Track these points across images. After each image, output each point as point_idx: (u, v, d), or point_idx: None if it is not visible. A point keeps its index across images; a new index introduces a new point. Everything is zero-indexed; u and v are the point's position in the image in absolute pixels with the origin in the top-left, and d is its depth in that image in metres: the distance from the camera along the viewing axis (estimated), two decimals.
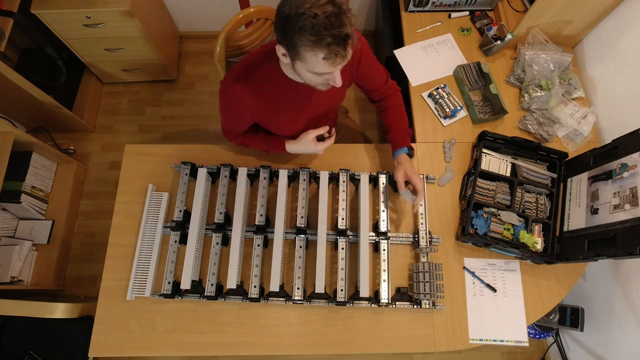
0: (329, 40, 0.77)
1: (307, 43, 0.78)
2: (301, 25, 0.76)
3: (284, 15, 0.78)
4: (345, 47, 0.80)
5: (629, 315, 1.34)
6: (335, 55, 0.80)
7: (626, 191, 1.03)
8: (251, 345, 1.16)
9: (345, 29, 0.77)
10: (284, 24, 0.79)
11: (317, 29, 0.75)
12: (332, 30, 0.76)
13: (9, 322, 1.60)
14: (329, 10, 0.75)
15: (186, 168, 1.26)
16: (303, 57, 0.82)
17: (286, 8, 0.78)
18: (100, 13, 1.70)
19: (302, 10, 0.75)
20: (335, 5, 0.76)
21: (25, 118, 2.03)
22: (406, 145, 1.21)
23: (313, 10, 0.75)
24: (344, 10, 0.77)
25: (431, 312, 1.19)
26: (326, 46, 0.77)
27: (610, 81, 1.39)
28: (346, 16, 0.78)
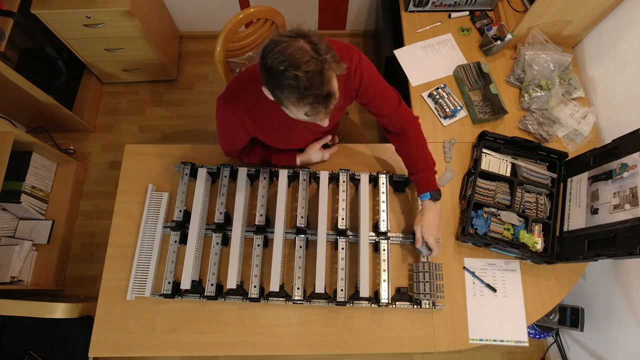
0: (310, 100, 0.76)
1: (289, 99, 0.77)
2: (282, 83, 0.75)
3: (267, 66, 0.76)
4: (327, 104, 0.79)
5: (629, 315, 1.34)
6: (317, 112, 0.79)
7: (626, 191, 1.03)
8: (251, 345, 1.16)
9: (327, 87, 0.76)
10: (267, 75, 0.78)
11: (298, 89, 0.74)
12: (312, 90, 0.74)
13: (9, 322, 1.60)
14: (310, 69, 0.73)
15: (186, 168, 1.26)
16: (286, 106, 0.82)
17: (269, 59, 0.75)
18: (100, 13, 1.70)
19: (284, 67, 0.73)
20: (317, 62, 0.74)
21: (25, 118, 2.03)
22: (432, 189, 1.12)
23: (294, 70, 0.72)
24: (325, 67, 0.75)
25: (431, 312, 1.19)
26: (308, 104, 0.77)
27: (610, 81, 1.39)
28: (331, 70, 0.76)
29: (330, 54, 0.76)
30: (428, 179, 1.14)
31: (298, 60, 0.73)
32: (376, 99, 1.07)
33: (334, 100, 0.80)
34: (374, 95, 1.05)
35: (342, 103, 1.05)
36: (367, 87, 1.02)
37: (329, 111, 0.81)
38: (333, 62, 0.76)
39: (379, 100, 1.08)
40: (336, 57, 0.78)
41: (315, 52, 0.74)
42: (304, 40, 0.75)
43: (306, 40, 0.75)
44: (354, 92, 1.04)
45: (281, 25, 1.43)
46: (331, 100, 0.79)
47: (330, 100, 0.78)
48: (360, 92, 1.04)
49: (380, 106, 1.10)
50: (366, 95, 1.05)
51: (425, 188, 1.13)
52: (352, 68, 0.97)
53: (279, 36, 0.76)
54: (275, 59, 0.74)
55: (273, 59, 0.74)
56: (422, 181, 1.14)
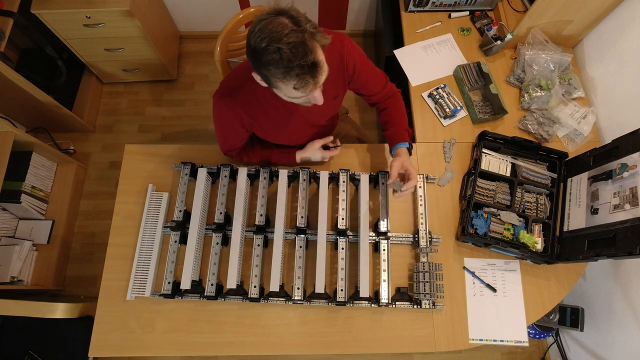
0: (297, 71, 0.76)
1: (276, 75, 0.78)
2: (266, 60, 0.75)
3: (251, 47, 0.77)
4: (314, 74, 0.79)
5: (629, 315, 1.34)
6: (306, 84, 0.79)
7: (626, 191, 1.03)
8: (251, 345, 1.16)
9: (312, 57, 0.76)
10: (252, 57, 0.78)
11: (283, 62, 0.74)
12: (297, 61, 0.75)
13: (9, 322, 1.60)
14: (292, 40, 0.73)
15: (186, 168, 1.26)
16: (276, 86, 0.82)
17: (252, 40, 0.76)
18: (100, 13, 1.70)
19: (265, 44, 0.74)
20: (299, 32, 0.74)
21: (25, 118, 2.03)
22: (406, 141, 1.18)
23: (276, 44, 0.73)
24: (307, 37, 0.75)
25: (431, 312, 1.19)
26: (295, 76, 0.77)
27: (610, 81, 1.39)
28: (312, 41, 0.76)
29: (311, 24, 0.77)
30: (404, 134, 1.18)
31: (278, 34, 0.73)
32: (368, 82, 1.13)
33: (321, 70, 0.80)
34: (366, 79, 1.10)
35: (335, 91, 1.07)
36: (360, 73, 1.06)
37: (317, 82, 0.81)
38: (315, 33, 0.77)
39: (370, 83, 1.14)
40: (317, 27, 0.78)
41: (295, 25, 0.75)
42: (284, 16, 0.76)
43: (285, 15, 0.76)
44: (347, 78, 1.06)
45: None
46: (318, 70, 0.79)
47: (317, 70, 0.79)
48: (353, 78, 1.07)
49: (371, 88, 1.17)
50: (359, 80, 1.08)
51: (403, 139, 1.17)
52: (345, 56, 1.00)
53: (259, 17, 0.77)
54: (257, 38, 0.75)
55: (255, 39, 0.75)
56: (400, 135, 1.17)
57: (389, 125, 1.21)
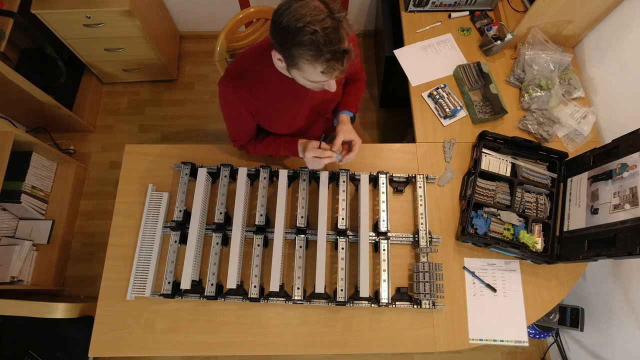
0: (327, 57, 0.77)
1: (306, 57, 0.78)
2: (300, 40, 0.76)
3: (282, 25, 0.77)
4: (343, 61, 0.80)
5: (629, 315, 1.34)
6: (333, 70, 0.81)
7: (626, 191, 1.03)
8: (251, 345, 1.16)
9: (344, 44, 0.78)
10: (282, 35, 0.79)
11: (317, 45, 0.75)
12: (331, 47, 0.76)
13: (9, 322, 1.60)
14: (328, 24, 0.75)
15: (186, 168, 1.26)
16: (301, 67, 0.83)
17: (285, 18, 0.77)
18: (100, 13, 1.70)
19: (302, 24, 0.75)
20: (334, 19, 0.76)
21: (25, 118, 2.03)
22: (354, 110, 1.20)
23: (312, 26, 0.74)
24: (342, 23, 0.77)
25: (431, 312, 1.19)
26: (325, 61, 0.78)
27: (610, 81, 1.39)
28: (344, 29, 0.78)
29: (343, 14, 0.78)
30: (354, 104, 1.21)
31: (315, 17, 0.75)
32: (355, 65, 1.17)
33: (349, 59, 0.81)
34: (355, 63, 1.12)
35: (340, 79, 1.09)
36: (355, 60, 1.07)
37: (344, 69, 0.83)
38: (346, 22, 0.78)
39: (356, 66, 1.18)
40: (347, 18, 0.80)
41: (330, 11, 0.76)
42: (318, 0, 0.77)
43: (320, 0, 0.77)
44: None
45: None
46: (347, 58, 0.80)
47: (346, 58, 0.80)
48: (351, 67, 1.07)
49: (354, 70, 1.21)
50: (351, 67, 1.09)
51: (351, 108, 1.20)
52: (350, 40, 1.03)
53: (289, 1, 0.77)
54: (292, 17, 0.75)
55: (290, 18, 0.76)
56: (348, 104, 1.20)
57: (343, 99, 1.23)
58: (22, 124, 2.07)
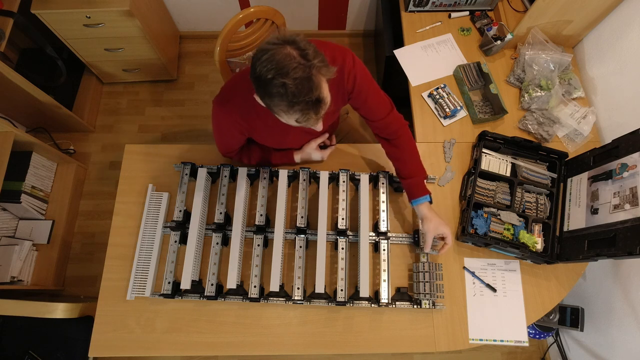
0: (300, 107, 0.76)
1: (279, 106, 0.78)
2: (271, 92, 0.75)
3: (256, 74, 0.76)
4: (317, 110, 0.78)
5: (629, 315, 1.34)
6: (307, 119, 0.79)
7: (626, 191, 1.03)
8: (251, 345, 1.16)
9: (317, 93, 0.76)
10: (256, 83, 0.78)
11: (287, 96, 0.74)
12: (302, 97, 0.74)
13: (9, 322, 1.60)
14: (298, 75, 0.73)
15: (186, 168, 1.26)
16: (277, 114, 0.82)
17: (257, 67, 0.75)
18: (100, 13, 1.70)
19: (272, 76, 0.73)
20: (305, 68, 0.73)
21: (25, 118, 2.03)
22: (427, 193, 1.13)
23: (282, 78, 0.72)
24: (314, 71, 0.74)
25: (431, 312, 1.19)
26: (298, 111, 0.77)
27: (610, 81, 1.39)
28: (318, 76, 0.75)
29: (319, 59, 0.76)
30: (422, 184, 1.14)
31: (285, 67, 0.72)
32: (368, 103, 1.06)
33: (325, 105, 0.80)
34: (366, 99, 1.05)
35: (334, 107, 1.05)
36: (360, 91, 1.02)
37: (320, 116, 0.81)
38: (322, 67, 0.76)
39: (371, 104, 1.07)
40: (325, 61, 0.77)
41: (303, 58, 0.74)
42: (291, 47, 0.74)
43: (293, 46, 0.75)
44: (346, 94, 1.03)
45: (281, 25, 1.43)
46: (321, 106, 0.79)
47: (321, 106, 0.79)
48: (352, 95, 1.03)
49: (372, 111, 1.09)
50: (359, 99, 1.04)
51: (422, 192, 1.13)
52: (346, 71, 0.97)
53: (267, 44, 0.76)
54: (263, 67, 0.74)
55: (261, 67, 0.74)
56: (418, 185, 1.13)
57: (404, 174, 1.15)
58: (22, 124, 2.07)
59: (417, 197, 1.13)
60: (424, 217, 1.13)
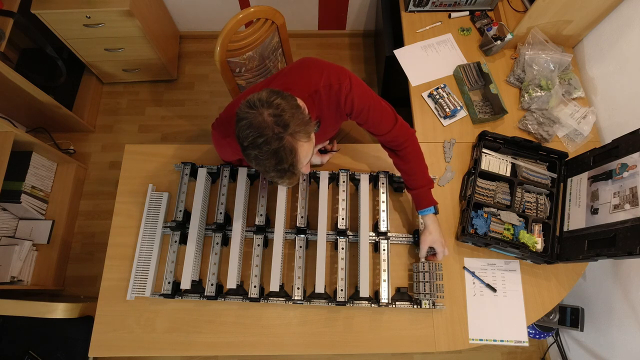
0: (273, 175, 0.79)
1: (257, 168, 0.80)
2: (248, 157, 0.78)
3: (237, 134, 0.78)
4: (291, 175, 0.80)
5: (629, 315, 1.34)
6: (282, 183, 0.82)
7: (626, 191, 1.03)
8: (251, 345, 1.16)
9: (290, 160, 0.76)
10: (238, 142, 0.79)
11: (260, 165, 0.77)
12: (274, 167, 0.76)
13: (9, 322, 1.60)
14: (270, 148, 0.74)
15: (186, 168, 1.26)
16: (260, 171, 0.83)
17: (237, 129, 0.77)
18: (100, 13, 1.70)
19: (247, 144, 0.75)
20: (277, 138, 0.74)
21: (25, 118, 2.03)
22: (434, 203, 1.14)
23: (253, 150, 0.75)
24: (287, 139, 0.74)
25: (431, 312, 1.19)
26: (273, 176, 0.80)
27: (610, 81, 1.39)
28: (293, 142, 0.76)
29: (295, 123, 0.76)
30: (428, 195, 1.15)
31: (259, 138, 0.74)
32: (370, 120, 1.05)
33: (300, 166, 0.81)
34: (367, 117, 1.04)
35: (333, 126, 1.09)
36: (360, 111, 1.01)
37: (295, 179, 0.83)
38: (297, 132, 0.76)
39: (373, 121, 1.06)
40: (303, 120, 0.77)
41: (277, 125, 0.74)
42: (268, 112, 0.74)
43: (269, 112, 0.74)
44: (345, 116, 1.04)
45: (281, 25, 1.43)
46: (295, 171, 0.80)
47: (295, 171, 0.80)
48: (352, 116, 1.03)
49: (376, 126, 1.08)
50: (360, 118, 1.04)
51: (428, 203, 1.14)
52: (342, 95, 0.96)
53: (245, 107, 0.76)
54: (241, 133, 0.76)
55: (239, 132, 0.76)
56: (424, 196, 1.15)
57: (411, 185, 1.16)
58: (22, 124, 2.07)
59: (422, 208, 1.15)
60: (425, 228, 1.16)
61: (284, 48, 1.56)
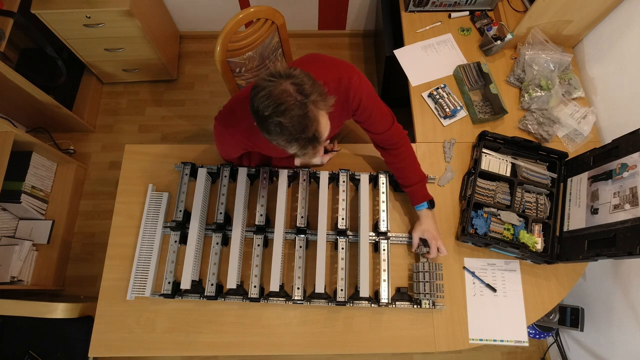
0: (297, 144, 0.77)
1: (277, 141, 0.79)
2: (268, 128, 0.76)
3: (254, 108, 0.77)
4: (315, 145, 0.79)
5: (629, 315, 1.34)
6: (305, 153, 0.81)
7: (626, 191, 1.03)
8: (251, 345, 1.16)
9: (313, 128, 0.76)
10: (255, 116, 0.79)
11: (283, 134, 0.75)
12: (298, 135, 0.75)
13: (9, 322, 1.60)
14: (295, 114, 0.73)
15: (186, 168, 1.26)
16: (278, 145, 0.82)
17: (255, 102, 0.76)
18: (100, 13, 1.70)
19: (268, 113, 0.74)
20: (301, 105, 0.73)
21: (25, 118, 2.03)
22: (428, 198, 1.18)
23: (277, 117, 0.73)
24: (311, 107, 0.74)
25: (431, 312, 1.19)
26: (296, 147, 0.78)
27: (610, 81, 1.39)
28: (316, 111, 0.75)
29: (316, 93, 0.76)
30: (422, 190, 1.19)
31: (282, 104, 0.73)
32: (371, 119, 1.08)
33: (322, 139, 0.80)
34: (369, 116, 1.06)
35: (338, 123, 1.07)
36: (364, 109, 1.03)
37: (317, 150, 0.82)
38: (319, 101, 0.76)
39: (374, 120, 1.09)
40: (323, 93, 0.77)
41: (300, 94, 0.74)
42: (288, 82, 0.74)
43: (290, 81, 0.75)
44: (350, 112, 1.05)
45: (281, 25, 1.43)
46: (319, 141, 0.79)
47: (318, 141, 0.79)
48: (357, 112, 1.04)
49: (374, 126, 1.11)
50: (362, 116, 1.06)
51: (422, 198, 1.18)
52: (352, 91, 0.97)
53: (265, 78, 0.76)
54: (261, 103, 0.75)
55: (259, 103, 0.75)
56: (418, 193, 1.19)
57: (405, 181, 1.19)
58: (22, 124, 2.07)
59: (417, 203, 1.19)
60: (419, 219, 1.19)
61: (284, 48, 1.56)
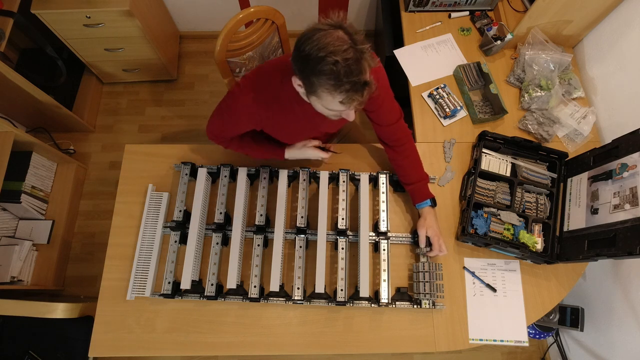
0: (347, 87, 0.77)
1: (325, 86, 0.78)
2: (321, 69, 0.76)
3: (304, 53, 0.77)
4: (362, 92, 0.79)
5: (629, 315, 1.34)
6: (352, 100, 0.80)
7: (626, 191, 1.03)
8: (251, 345, 1.16)
9: (364, 76, 0.77)
10: (303, 62, 0.78)
11: (337, 75, 0.75)
12: (351, 78, 0.76)
13: (9, 322, 1.60)
14: (350, 56, 0.74)
15: (186, 168, 1.26)
16: (319, 95, 0.82)
17: (307, 47, 0.76)
18: (100, 13, 1.70)
19: (324, 54, 0.74)
20: (356, 50, 0.75)
21: (25, 118, 2.03)
22: (430, 197, 1.19)
23: (334, 56, 0.74)
24: (364, 55, 0.77)
25: (431, 312, 1.19)
26: (345, 92, 0.78)
27: (610, 81, 1.39)
28: (366, 61, 0.77)
29: (367, 46, 0.78)
30: (425, 189, 1.20)
31: (337, 48, 0.74)
32: (382, 108, 1.09)
33: (370, 90, 0.81)
34: (381, 104, 1.08)
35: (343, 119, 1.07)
36: (378, 95, 1.03)
37: (363, 100, 0.82)
38: (368, 54, 0.78)
39: (383, 111, 1.10)
40: (371, 50, 0.79)
41: (353, 42, 0.76)
42: (342, 31, 0.76)
43: (344, 31, 0.76)
44: None
45: (281, 25, 1.43)
46: (367, 90, 0.80)
47: (366, 89, 0.80)
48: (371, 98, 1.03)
49: (383, 116, 1.12)
50: (374, 103, 1.06)
51: (424, 196, 1.20)
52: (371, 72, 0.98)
53: (316, 26, 0.77)
54: (314, 46, 0.75)
55: (312, 46, 0.75)
56: (420, 191, 1.20)
57: (407, 180, 1.21)
58: (22, 124, 2.07)
59: (419, 201, 1.20)
60: (422, 217, 1.20)
61: (284, 48, 1.56)
